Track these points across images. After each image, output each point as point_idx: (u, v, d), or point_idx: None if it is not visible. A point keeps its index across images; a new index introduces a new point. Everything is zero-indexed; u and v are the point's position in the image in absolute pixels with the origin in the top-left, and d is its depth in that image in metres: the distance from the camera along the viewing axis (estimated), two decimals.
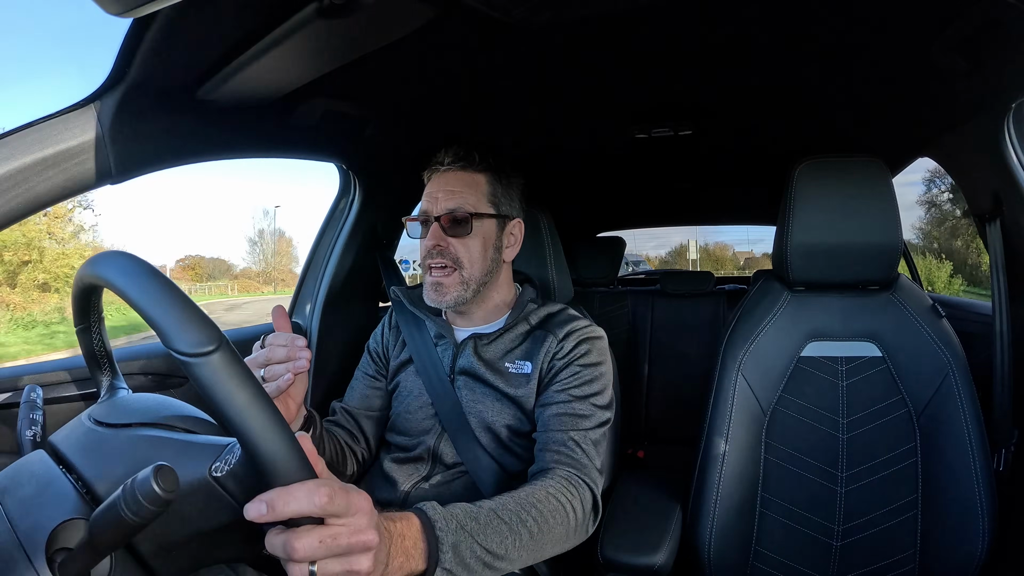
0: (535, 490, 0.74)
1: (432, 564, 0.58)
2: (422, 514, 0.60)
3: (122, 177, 0.77)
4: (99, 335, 0.64)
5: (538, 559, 0.71)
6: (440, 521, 0.60)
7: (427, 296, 0.95)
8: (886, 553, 0.98)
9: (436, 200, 0.94)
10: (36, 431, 0.61)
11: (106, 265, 0.48)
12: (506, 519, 0.67)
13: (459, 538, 0.61)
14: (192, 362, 0.42)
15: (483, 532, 0.64)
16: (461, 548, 0.60)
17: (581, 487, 0.79)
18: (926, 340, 1.01)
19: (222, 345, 0.43)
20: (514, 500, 0.70)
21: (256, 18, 0.66)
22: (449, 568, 0.59)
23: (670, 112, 1.22)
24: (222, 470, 0.47)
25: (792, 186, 1.04)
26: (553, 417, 0.86)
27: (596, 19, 0.76)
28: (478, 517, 0.65)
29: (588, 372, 0.90)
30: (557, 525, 0.72)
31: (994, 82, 0.89)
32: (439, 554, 0.58)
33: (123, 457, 0.50)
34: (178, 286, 0.46)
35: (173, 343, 0.42)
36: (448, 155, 0.94)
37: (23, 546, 0.43)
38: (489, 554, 0.63)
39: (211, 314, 0.57)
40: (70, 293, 0.59)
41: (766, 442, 1.03)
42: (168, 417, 0.54)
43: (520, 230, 1.01)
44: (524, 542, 0.67)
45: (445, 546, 0.59)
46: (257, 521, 0.43)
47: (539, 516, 0.70)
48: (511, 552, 0.65)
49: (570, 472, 0.80)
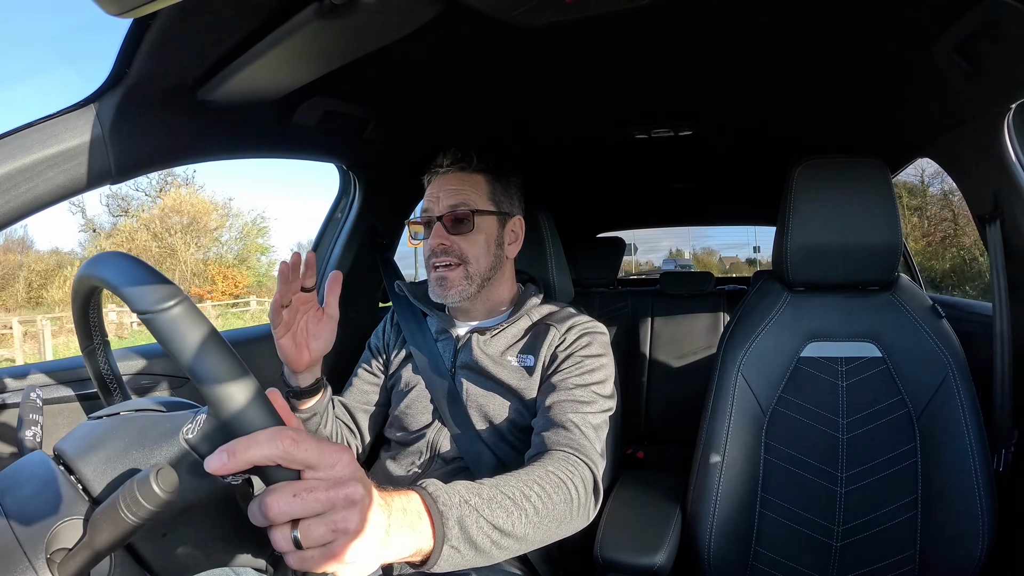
0: (534, 468, 0.72)
1: (439, 541, 0.54)
2: (422, 490, 0.57)
3: (122, 177, 0.77)
4: (105, 357, 0.64)
5: (544, 540, 0.68)
6: (442, 496, 0.57)
7: (432, 293, 0.96)
8: (886, 553, 0.98)
9: (438, 200, 0.95)
10: (36, 431, 0.61)
11: (86, 267, 0.51)
12: (509, 494, 0.63)
13: (464, 512, 0.57)
14: (152, 318, 0.43)
15: (488, 507, 0.60)
16: (467, 523, 0.57)
17: (580, 466, 0.76)
18: (926, 340, 1.01)
19: (182, 301, 0.44)
20: (515, 477, 0.67)
21: (256, 18, 0.66)
22: (456, 546, 0.55)
23: (670, 112, 1.22)
24: (193, 431, 0.47)
25: (792, 186, 1.04)
26: (554, 404, 0.85)
27: (596, 19, 0.76)
28: (481, 493, 0.61)
29: (590, 362, 0.90)
30: (560, 503, 0.69)
31: (994, 82, 0.89)
32: (444, 530, 0.54)
33: (110, 443, 0.50)
34: (142, 259, 0.48)
35: (135, 304, 0.43)
36: (447, 157, 0.97)
37: (23, 546, 0.43)
38: (496, 530, 0.60)
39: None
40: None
41: (766, 442, 1.03)
42: (156, 402, 0.55)
43: (521, 227, 1.03)
44: (530, 517, 0.64)
45: (450, 521, 0.55)
46: (218, 473, 0.40)
47: (542, 492, 0.67)
48: (517, 528, 0.62)
49: (568, 453, 0.77)
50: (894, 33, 0.83)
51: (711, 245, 15.26)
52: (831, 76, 1.00)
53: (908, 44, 0.85)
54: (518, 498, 0.64)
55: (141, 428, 0.51)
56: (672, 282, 2.31)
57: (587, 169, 1.79)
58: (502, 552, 0.61)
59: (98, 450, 0.50)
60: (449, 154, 0.97)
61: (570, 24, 0.78)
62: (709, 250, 18.11)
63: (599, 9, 0.73)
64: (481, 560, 0.59)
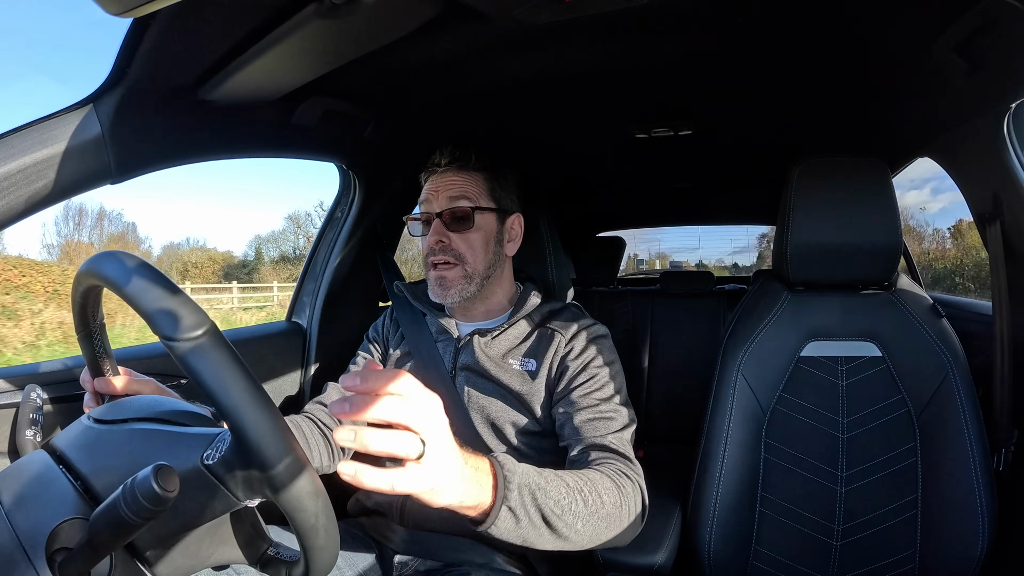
0: (588, 471, 0.75)
1: (499, 501, 0.60)
2: (493, 457, 0.63)
3: (122, 177, 0.77)
4: (101, 342, 0.64)
5: (592, 540, 0.72)
6: (509, 463, 0.63)
7: (432, 293, 0.96)
8: (886, 553, 0.98)
9: (436, 197, 0.95)
10: (36, 431, 0.61)
11: (100, 264, 0.49)
12: (567, 481, 0.69)
13: (524, 480, 0.63)
14: (178, 346, 0.42)
15: (547, 485, 0.65)
16: (525, 493, 0.63)
17: (633, 484, 0.78)
18: (926, 340, 1.01)
19: (209, 330, 0.43)
20: (568, 472, 0.72)
21: (256, 18, 0.66)
22: (513, 508, 0.61)
23: (670, 112, 1.22)
24: (214, 458, 0.47)
25: (792, 186, 1.04)
26: (584, 424, 0.85)
27: (596, 19, 0.76)
28: (542, 473, 0.67)
29: (605, 372, 0.90)
30: (610, 505, 0.72)
31: (994, 82, 0.89)
32: (506, 491, 0.61)
33: (118, 451, 0.50)
34: (167, 276, 0.47)
35: (161, 329, 0.43)
36: (445, 155, 0.97)
37: (23, 546, 0.43)
38: (552, 503, 0.65)
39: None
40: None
41: (766, 442, 1.03)
42: (164, 412, 0.54)
43: (520, 224, 1.03)
44: (579, 508, 0.68)
45: (512, 485, 0.62)
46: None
47: (592, 490, 0.71)
48: (566, 514, 0.66)
49: (619, 468, 0.79)
50: (894, 33, 0.83)
51: (662, 249, 15.58)
52: (831, 76, 1.00)
53: (908, 44, 0.85)
54: (572, 486, 0.69)
55: (155, 442, 0.50)
56: (672, 282, 2.31)
57: (587, 168, 1.79)
58: (551, 534, 0.66)
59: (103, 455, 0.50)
60: (447, 151, 0.97)
61: (570, 24, 0.78)
62: (661, 254, 18.49)
63: (599, 9, 0.73)
64: (533, 535, 0.64)
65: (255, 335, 1.30)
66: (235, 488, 0.47)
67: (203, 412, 0.58)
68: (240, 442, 0.44)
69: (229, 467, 0.46)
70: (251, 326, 1.45)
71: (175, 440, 0.50)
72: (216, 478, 0.47)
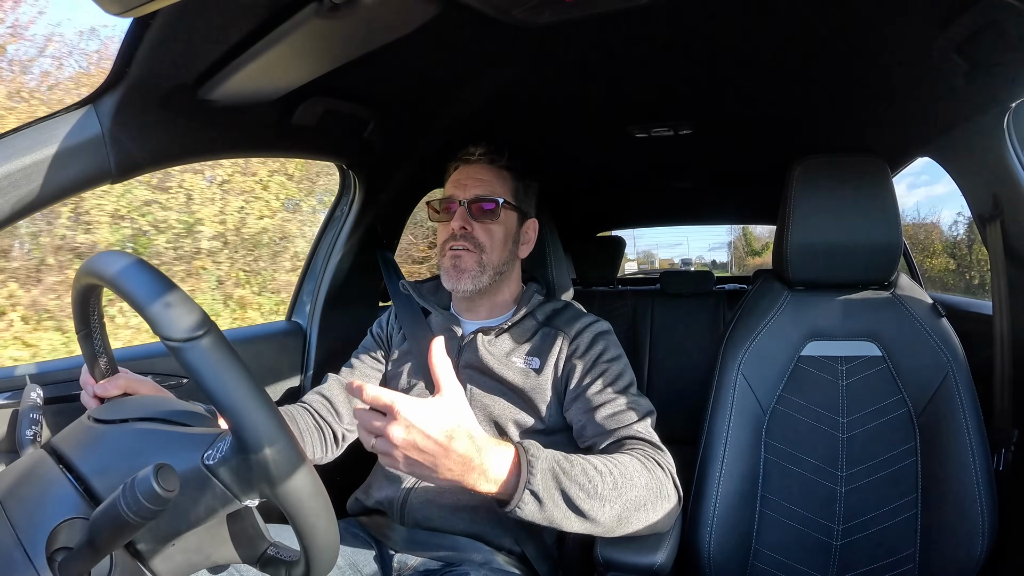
0: (619, 455, 0.78)
1: (523, 484, 0.63)
2: (518, 444, 0.67)
3: (122, 177, 0.77)
4: (101, 340, 0.64)
5: (624, 524, 0.73)
6: (533, 448, 0.66)
7: (445, 278, 0.97)
8: (886, 553, 0.98)
9: (465, 187, 0.97)
10: (36, 431, 0.61)
11: (100, 263, 0.49)
12: (595, 464, 0.71)
13: (548, 465, 0.66)
14: (179, 346, 0.43)
15: (572, 470, 0.68)
16: (547, 478, 0.65)
17: (664, 471, 0.80)
18: (926, 340, 1.01)
19: (209, 331, 0.44)
20: (598, 457, 0.74)
21: (256, 18, 0.66)
22: (536, 491, 0.64)
23: (670, 112, 1.22)
24: (214, 458, 0.47)
25: (792, 186, 1.04)
26: (607, 419, 0.86)
27: (596, 19, 0.76)
28: (568, 457, 0.70)
29: (616, 366, 0.92)
30: (642, 488, 0.74)
31: (994, 82, 0.89)
32: (529, 476, 0.64)
33: (118, 450, 0.50)
34: (168, 277, 0.47)
35: (161, 329, 0.43)
36: (479, 147, 1.00)
37: (23, 546, 0.43)
38: (576, 488, 0.67)
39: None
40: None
41: (766, 441, 1.03)
42: (164, 412, 0.54)
43: (534, 230, 1.06)
44: (607, 492, 0.70)
45: (535, 470, 0.64)
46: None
47: (622, 474, 0.72)
48: (593, 498, 0.68)
49: (648, 453, 0.81)
50: (894, 33, 0.83)
51: (648, 248, 15.68)
52: (831, 75, 1.00)
53: (908, 44, 0.85)
54: (600, 467, 0.71)
55: (155, 443, 0.50)
56: (672, 281, 2.31)
57: (587, 168, 1.79)
58: (580, 519, 0.68)
59: (104, 454, 0.50)
60: (482, 144, 1.00)
61: (570, 23, 0.78)
62: (648, 252, 18.59)
63: (599, 8, 0.73)
64: (559, 517, 0.67)
65: (255, 335, 1.30)
66: (235, 488, 0.47)
67: (203, 412, 0.58)
68: (240, 442, 0.44)
69: (229, 467, 0.47)
70: (251, 326, 1.45)
71: (175, 440, 0.50)
72: (216, 478, 0.47)
